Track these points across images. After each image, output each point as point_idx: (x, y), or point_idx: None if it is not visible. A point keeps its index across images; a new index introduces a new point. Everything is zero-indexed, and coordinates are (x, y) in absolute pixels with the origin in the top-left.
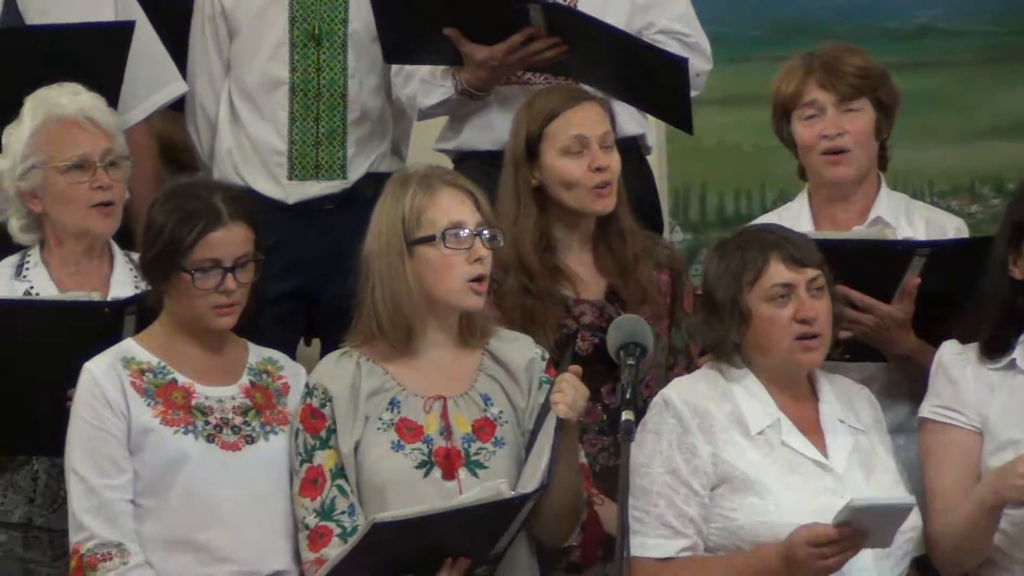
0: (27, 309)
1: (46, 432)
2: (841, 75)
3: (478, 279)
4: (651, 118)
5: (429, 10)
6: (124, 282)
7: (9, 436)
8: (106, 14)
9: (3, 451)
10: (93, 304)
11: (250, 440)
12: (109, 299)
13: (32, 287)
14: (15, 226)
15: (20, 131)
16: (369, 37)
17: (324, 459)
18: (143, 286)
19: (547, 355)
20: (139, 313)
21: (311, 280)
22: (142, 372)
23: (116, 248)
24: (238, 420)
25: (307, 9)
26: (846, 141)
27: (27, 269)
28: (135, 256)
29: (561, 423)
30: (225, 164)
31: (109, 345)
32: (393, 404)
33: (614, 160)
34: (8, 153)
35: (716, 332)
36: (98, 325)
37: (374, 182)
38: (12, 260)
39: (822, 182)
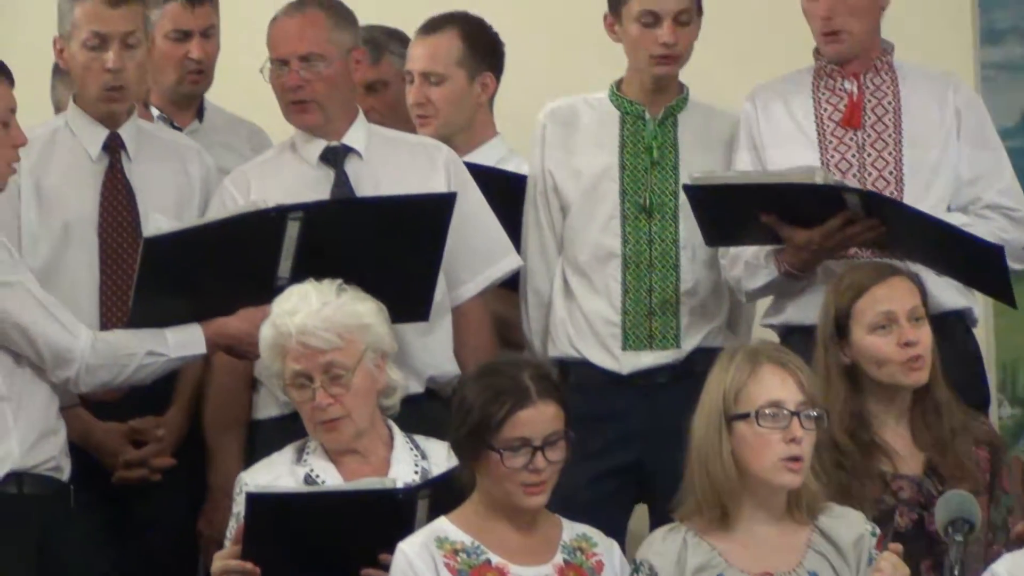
0: (320, 499)
1: None
2: None
3: (794, 459)
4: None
5: (745, 200)
6: (404, 462)
7: None
8: (439, 189)
9: None
10: (386, 492)
11: None
12: (401, 486)
13: (312, 470)
14: None
15: (263, 335)
16: None
17: None
18: (424, 466)
19: (877, 531)
20: (432, 496)
21: (644, 453)
22: (455, 552)
23: (396, 429)
24: None
25: (638, 182)
26: None
27: (307, 453)
28: (416, 437)
29: None
30: (559, 337)
31: (402, 530)
32: None
33: (924, 334)
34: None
35: None
36: (391, 511)
37: (708, 355)
38: (295, 445)
39: None
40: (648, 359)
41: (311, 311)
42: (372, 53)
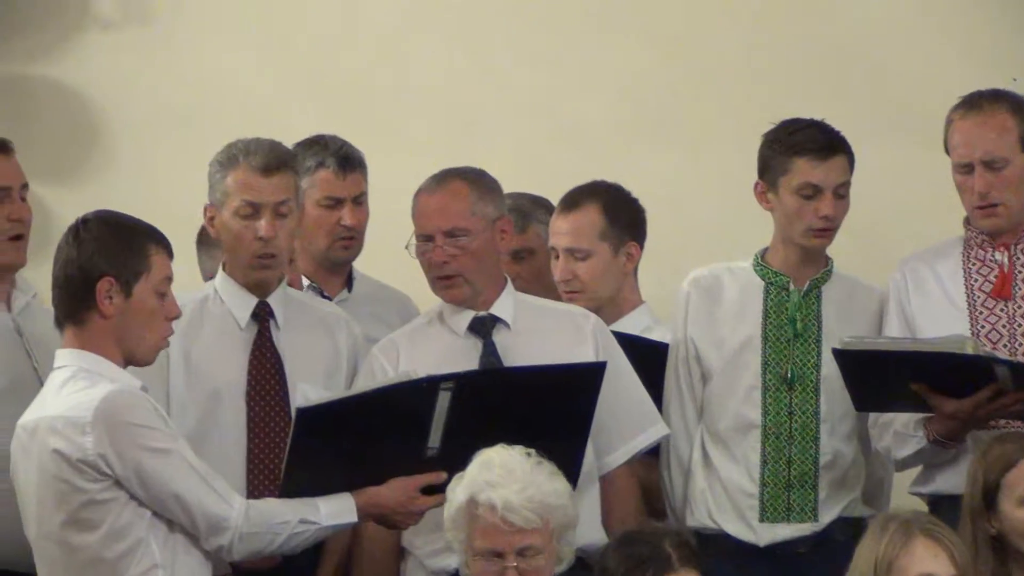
0: None
1: None
2: None
3: None
4: None
5: (895, 367)
6: None
7: None
8: (587, 358)
9: None
10: None
11: None
12: None
13: None
14: None
15: (453, 497)
16: (841, 383)
17: None
18: None
19: None
20: None
21: None
22: None
23: None
24: None
25: (780, 353)
26: None
27: None
28: None
29: None
30: (698, 506)
31: None
32: None
33: None
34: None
35: None
36: None
37: (847, 526)
38: None
39: None
40: (785, 532)
41: (517, 488)
42: (518, 222)
